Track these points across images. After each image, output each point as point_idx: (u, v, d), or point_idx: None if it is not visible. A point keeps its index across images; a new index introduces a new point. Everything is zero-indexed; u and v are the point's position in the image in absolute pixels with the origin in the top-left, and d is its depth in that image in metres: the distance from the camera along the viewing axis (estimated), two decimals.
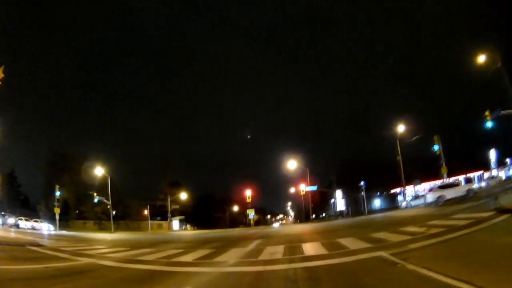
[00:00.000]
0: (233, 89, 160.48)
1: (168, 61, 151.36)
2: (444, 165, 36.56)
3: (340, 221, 36.06)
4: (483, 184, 40.20)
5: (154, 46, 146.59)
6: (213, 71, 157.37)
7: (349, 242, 10.80)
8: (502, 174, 50.30)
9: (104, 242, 22.92)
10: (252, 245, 13.94)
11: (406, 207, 39.95)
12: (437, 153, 36.76)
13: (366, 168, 63.87)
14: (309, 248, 10.91)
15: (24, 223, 43.09)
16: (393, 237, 10.67)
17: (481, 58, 26.54)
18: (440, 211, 20.66)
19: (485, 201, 19.07)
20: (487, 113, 28.18)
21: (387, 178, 59.99)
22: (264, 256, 10.04)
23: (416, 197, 42.81)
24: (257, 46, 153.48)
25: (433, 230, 10.76)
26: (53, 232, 39.80)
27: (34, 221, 45.39)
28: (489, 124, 28.27)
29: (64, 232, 40.34)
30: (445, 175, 37.65)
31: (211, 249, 13.40)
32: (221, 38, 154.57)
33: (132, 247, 16.73)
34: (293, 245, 12.37)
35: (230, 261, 9.52)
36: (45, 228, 44.22)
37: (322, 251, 9.95)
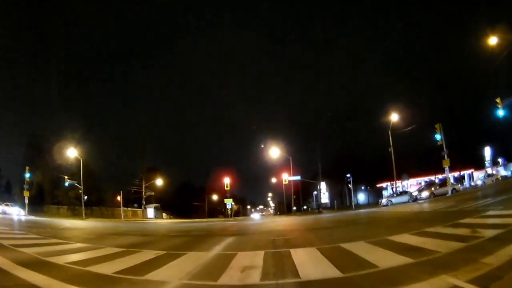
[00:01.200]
0: (220, 76, 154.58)
1: (152, 44, 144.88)
2: (446, 157, 32.83)
3: (328, 216, 32.18)
4: (479, 182, 37.53)
5: (138, 29, 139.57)
6: (199, 57, 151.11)
7: (366, 251, 7.32)
8: (501, 172, 47.90)
9: (54, 230, 19.90)
10: (218, 248, 10.02)
11: (387, 205, 37.25)
12: (439, 143, 33.12)
13: (353, 159, 60.89)
14: (305, 261, 6.97)
15: (1, 208, 40.82)
16: (431, 244, 7.37)
17: (493, 40, 24.01)
18: (438, 207, 19.84)
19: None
20: (498, 100, 26.27)
21: (375, 171, 57.42)
22: (229, 275, 6.08)
23: (399, 193, 40.48)
24: (247, 33, 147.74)
25: (486, 233, 7.94)
26: (21, 217, 36.66)
27: (5, 204, 42.79)
28: (500, 113, 26.43)
29: (31, 218, 36.95)
30: (447, 168, 34.00)
31: (161, 250, 9.58)
32: (216, 25, 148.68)
33: (74, 238, 14.24)
34: (277, 251, 8.53)
35: (167, 285, 5.71)
36: (15, 212, 41.49)
37: (329, 268, 6.09)
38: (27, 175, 47.55)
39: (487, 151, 53.90)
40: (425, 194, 36.31)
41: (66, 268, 7.18)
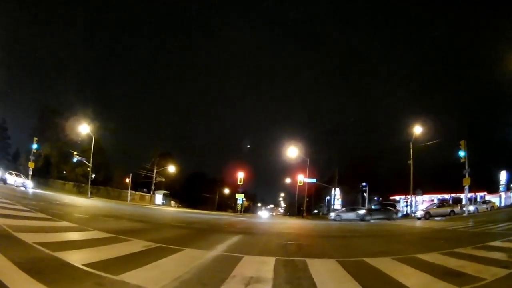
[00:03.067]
0: (243, 72, 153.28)
1: (178, 31, 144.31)
2: (467, 175, 30.90)
3: (341, 223, 30.46)
4: (471, 208, 34.28)
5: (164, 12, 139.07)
6: (223, 51, 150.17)
7: (398, 271, 6.12)
8: (498, 200, 46.03)
9: (47, 204, 18.56)
10: (221, 247, 8.56)
11: (334, 220, 35.80)
12: (462, 160, 31.24)
13: (370, 169, 59.04)
14: (327, 278, 5.57)
15: (14, 179, 37.66)
16: (471, 268, 6.35)
17: None
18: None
19: None
20: None
21: (389, 184, 55.62)
22: None
23: (349, 209, 39.28)
24: (274, 36, 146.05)
25: None
26: (24, 188, 35.68)
27: (9, 173, 39.04)
28: None
29: (32, 190, 35.79)
30: (467, 187, 32.08)
31: (154, 242, 8.14)
32: (241, 21, 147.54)
33: (63, 216, 12.86)
34: (291, 260, 7.09)
35: None
36: (20, 182, 38.60)
37: None
38: (34, 146, 46.35)
39: (503, 175, 51.90)
40: (420, 213, 33.64)
41: (31, 249, 6.02)
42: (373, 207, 42.06)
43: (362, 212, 35.63)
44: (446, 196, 51.56)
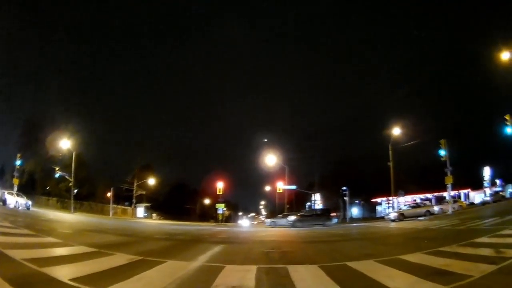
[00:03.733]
0: (219, 80, 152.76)
1: (154, 41, 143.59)
2: (449, 173, 31.53)
3: (324, 228, 30.54)
4: (435, 208, 34.19)
5: (141, 23, 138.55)
6: (205, 59, 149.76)
7: (381, 273, 6.17)
8: (483, 195, 47.17)
9: (32, 220, 18.97)
10: (203, 258, 8.61)
11: (269, 225, 36.77)
12: (443, 159, 31.89)
13: (351, 172, 59.42)
14: (308, 284, 5.70)
15: (14, 199, 33.83)
16: (458, 266, 6.41)
17: (505, 55, 23.08)
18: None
19: None
20: (507, 117, 25.30)
21: (371, 186, 56.13)
22: None
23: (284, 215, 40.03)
24: (259, 40, 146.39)
25: None
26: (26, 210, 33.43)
27: (9, 193, 35.31)
28: (509, 130, 25.49)
29: (24, 208, 34.61)
30: (449, 185, 32.64)
31: (138, 255, 8.18)
32: (223, 23, 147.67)
33: (48, 231, 13.37)
34: (272, 267, 7.17)
35: None
36: (22, 202, 35.10)
37: None
38: (18, 162, 45.90)
39: (487, 171, 53.04)
40: (393, 215, 33.16)
41: (19, 265, 6.16)
42: (305, 213, 41.23)
43: (292, 218, 35.79)
44: (429, 196, 52.11)
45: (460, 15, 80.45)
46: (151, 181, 67.25)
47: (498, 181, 51.88)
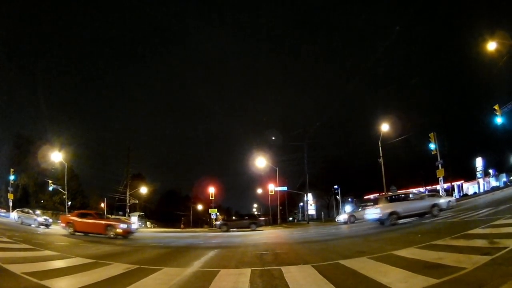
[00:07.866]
0: (208, 85, 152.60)
1: (144, 49, 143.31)
2: (440, 167, 31.72)
3: (317, 228, 30.69)
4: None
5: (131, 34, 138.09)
6: (192, 64, 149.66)
7: (374, 270, 6.27)
8: (477, 187, 47.61)
9: (29, 235, 19.06)
10: (198, 263, 8.70)
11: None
12: (433, 152, 31.97)
13: (342, 171, 59.77)
14: (302, 284, 5.77)
15: (33, 217, 31.23)
16: (450, 259, 6.45)
17: (491, 46, 23.18)
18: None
19: None
20: (496, 107, 25.62)
21: (363, 183, 56.49)
22: None
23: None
24: (246, 42, 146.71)
25: (507, 242, 7.11)
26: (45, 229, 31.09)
27: (21, 211, 33.61)
28: (498, 120, 25.79)
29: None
30: (441, 179, 32.96)
31: (134, 263, 8.38)
32: (212, 30, 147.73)
33: (46, 245, 13.52)
34: (266, 269, 7.26)
35: None
36: (41, 221, 32.11)
37: None
38: (11, 177, 46.15)
39: (479, 162, 53.36)
40: (343, 217, 32.26)
41: (20, 279, 6.40)
42: (233, 217, 43.14)
43: (217, 223, 36.61)
44: (422, 189, 52.48)
45: (446, 7, 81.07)
46: (144, 189, 66.89)
47: (491, 171, 52.39)
